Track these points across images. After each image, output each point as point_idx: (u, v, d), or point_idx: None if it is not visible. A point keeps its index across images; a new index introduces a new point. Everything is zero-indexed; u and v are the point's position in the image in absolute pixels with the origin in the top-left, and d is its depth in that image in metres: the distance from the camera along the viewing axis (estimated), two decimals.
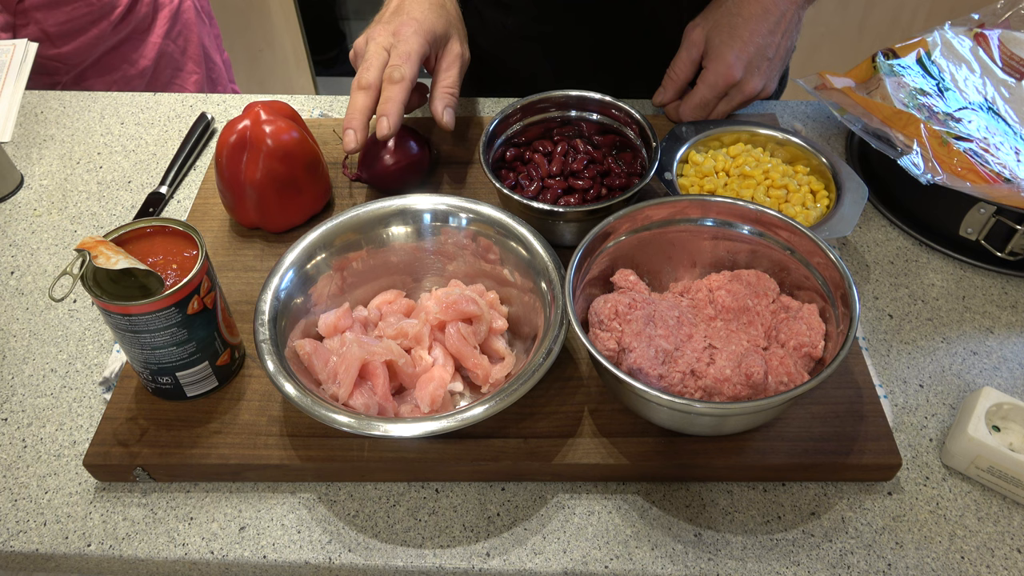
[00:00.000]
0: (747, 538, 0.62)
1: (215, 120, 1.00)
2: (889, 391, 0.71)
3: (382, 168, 0.83)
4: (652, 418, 0.63)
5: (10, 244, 0.87)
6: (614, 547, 0.62)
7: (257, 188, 0.78)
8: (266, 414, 0.68)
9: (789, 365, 0.62)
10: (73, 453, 0.69)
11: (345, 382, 0.64)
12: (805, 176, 0.83)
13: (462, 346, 0.67)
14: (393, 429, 0.59)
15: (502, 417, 0.62)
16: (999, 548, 0.61)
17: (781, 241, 0.69)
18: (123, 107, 1.03)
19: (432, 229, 0.74)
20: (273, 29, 2.19)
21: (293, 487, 0.66)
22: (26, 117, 1.02)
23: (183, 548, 0.63)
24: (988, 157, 0.81)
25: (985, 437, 0.63)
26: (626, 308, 0.65)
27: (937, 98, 0.87)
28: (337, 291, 0.72)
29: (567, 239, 0.79)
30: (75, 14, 1.22)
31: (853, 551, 0.61)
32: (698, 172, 0.84)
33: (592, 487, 0.66)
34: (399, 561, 0.62)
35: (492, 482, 0.66)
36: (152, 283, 0.62)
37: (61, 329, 0.78)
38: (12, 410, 0.72)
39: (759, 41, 0.86)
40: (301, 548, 0.63)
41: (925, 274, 0.81)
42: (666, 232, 0.71)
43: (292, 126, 0.79)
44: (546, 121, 0.86)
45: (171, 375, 0.66)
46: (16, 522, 0.64)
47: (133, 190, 0.92)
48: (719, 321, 0.68)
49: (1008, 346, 0.74)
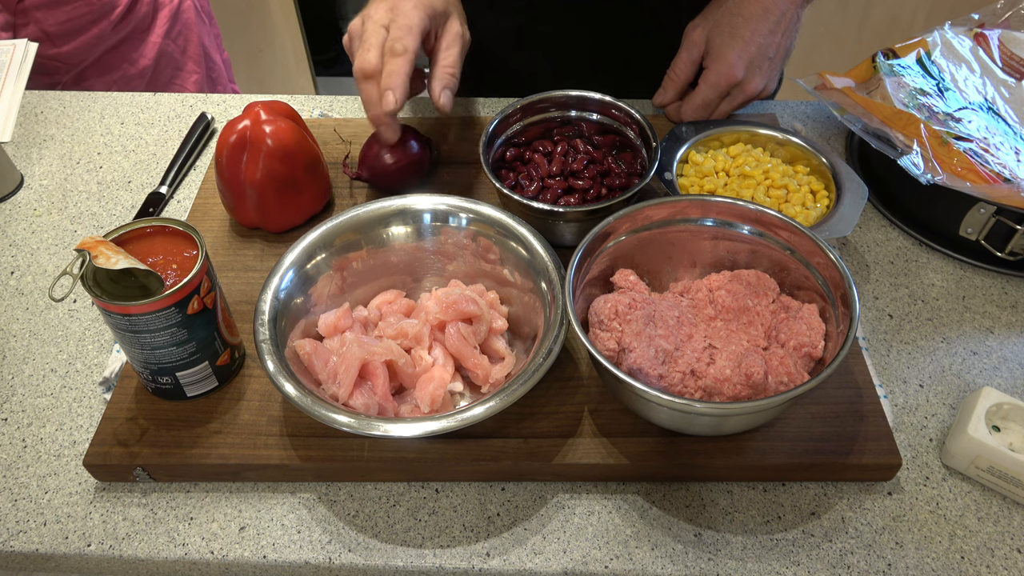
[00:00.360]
0: (747, 538, 0.62)
1: (215, 120, 1.00)
2: (889, 391, 0.71)
3: (382, 168, 0.83)
4: (652, 418, 0.63)
5: (10, 244, 0.87)
6: (614, 547, 0.62)
7: (257, 188, 0.78)
8: (266, 414, 0.68)
9: (789, 365, 0.62)
10: (73, 453, 0.69)
11: (345, 382, 0.63)
12: (805, 176, 0.83)
13: (462, 346, 0.67)
14: (393, 429, 0.59)
15: (502, 417, 0.62)
16: (999, 548, 0.61)
17: (781, 241, 0.69)
18: (123, 107, 1.03)
19: (432, 229, 0.74)
20: (273, 29, 2.19)
21: (293, 487, 0.66)
22: (26, 117, 1.02)
23: (183, 548, 0.63)
24: (988, 157, 0.81)
25: (985, 437, 0.63)
26: (626, 308, 0.65)
27: (937, 98, 0.87)
28: (337, 291, 0.72)
29: (567, 239, 0.79)
30: (75, 13, 1.22)
31: (853, 551, 0.61)
32: (698, 172, 0.84)
33: (592, 487, 0.66)
34: (399, 561, 0.62)
35: (492, 482, 0.66)
36: (152, 283, 0.62)
37: (61, 329, 0.78)
38: (12, 410, 0.72)
39: (760, 41, 0.86)
40: (301, 548, 0.63)
41: (925, 274, 0.81)
42: (666, 232, 0.71)
43: (292, 126, 0.79)
44: (546, 121, 0.86)
45: (171, 375, 0.66)
46: (16, 522, 0.64)
47: (133, 190, 0.92)
48: (719, 321, 0.68)
49: (1008, 346, 0.74)
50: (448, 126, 0.95)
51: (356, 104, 1.02)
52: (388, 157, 0.82)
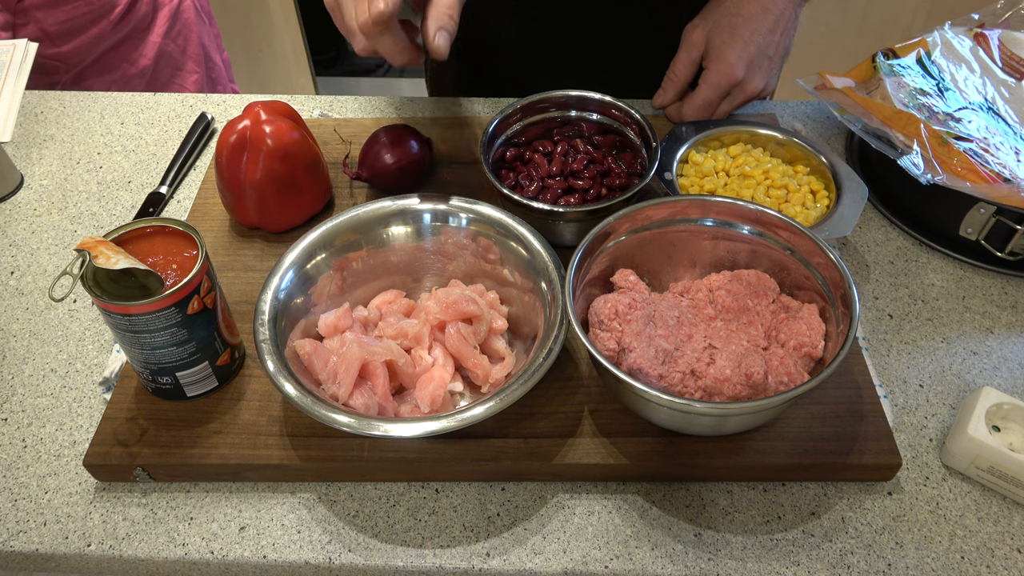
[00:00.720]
0: (747, 538, 0.62)
1: (215, 120, 1.00)
2: (889, 391, 0.71)
3: (382, 167, 0.83)
4: (652, 418, 0.63)
5: (10, 244, 0.87)
6: (614, 547, 0.62)
7: (257, 188, 0.78)
8: (266, 414, 0.68)
9: (789, 365, 0.62)
10: (73, 453, 0.69)
11: (345, 382, 0.63)
12: (805, 176, 0.83)
13: (462, 346, 0.67)
14: (393, 429, 0.59)
15: (502, 417, 0.62)
16: (999, 548, 0.61)
17: (781, 241, 0.69)
18: (123, 107, 1.03)
19: (432, 229, 0.74)
20: (273, 29, 2.19)
21: (293, 487, 0.66)
22: (26, 117, 1.02)
23: (183, 548, 0.63)
24: (988, 157, 0.81)
25: (985, 437, 0.63)
26: (626, 308, 0.65)
27: (937, 98, 0.87)
28: (337, 291, 0.72)
29: (567, 239, 0.79)
30: (75, 13, 1.22)
31: (853, 551, 0.61)
32: (698, 172, 0.84)
33: (592, 487, 0.66)
34: (399, 561, 0.62)
35: (492, 482, 0.66)
36: (152, 283, 0.62)
37: (61, 329, 0.78)
38: (12, 410, 0.72)
39: (760, 40, 0.86)
40: (301, 548, 0.63)
41: (925, 274, 0.81)
42: (666, 232, 0.71)
43: (292, 126, 0.79)
44: (546, 121, 0.86)
45: (171, 375, 0.66)
46: (16, 522, 0.64)
47: (133, 190, 0.92)
48: (719, 321, 0.68)
49: (1008, 346, 0.74)
50: (448, 126, 0.95)
51: (356, 104, 1.02)
52: (388, 157, 0.83)
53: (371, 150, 0.83)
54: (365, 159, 0.84)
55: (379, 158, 0.83)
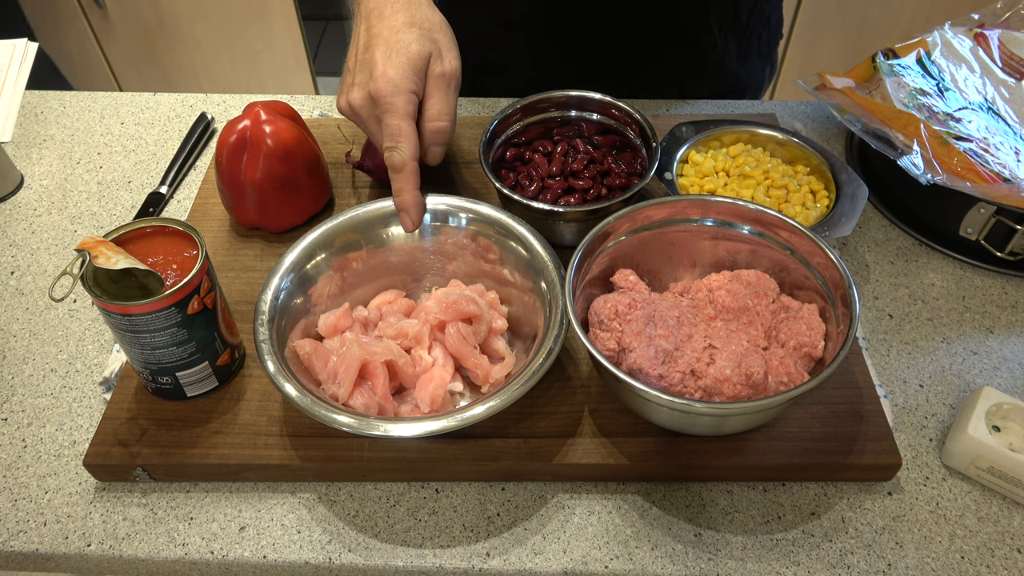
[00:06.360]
0: (747, 538, 0.62)
1: (215, 120, 1.00)
2: (889, 391, 0.71)
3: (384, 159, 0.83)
4: (652, 418, 0.63)
5: (10, 244, 0.87)
6: (614, 547, 0.62)
7: (257, 188, 0.78)
8: (266, 414, 0.68)
9: (789, 365, 0.62)
10: (73, 453, 0.69)
11: (345, 382, 0.64)
12: (805, 176, 0.83)
13: (462, 346, 0.67)
14: (393, 429, 0.59)
15: (502, 417, 0.62)
16: (999, 548, 0.61)
17: (781, 241, 0.69)
18: (123, 107, 1.03)
19: (432, 229, 0.74)
20: (273, 29, 2.19)
21: (293, 487, 0.66)
22: (26, 117, 1.02)
23: (183, 548, 0.63)
24: (988, 157, 0.81)
25: (985, 437, 0.63)
26: (626, 308, 0.65)
27: (937, 98, 0.87)
28: (337, 291, 0.72)
29: (567, 239, 0.79)
30: None
31: (853, 551, 0.61)
32: (698, 172, 0.84)
33: (592, 487, 0.66)
34: (399, 561, 0.62)
35: (492, 482, 0.66)
36: (152, 283, 0.62)
37: (61, 329, 0.78)
38: (12, 410, 0.72)
39: None
40: (301, 548, 0.63)
41: (925, 274, 0.81)
42: (666, 232, 0.71)
43: (292, 126, 0.79)
44: (546, 121, 0.86)
45: (171, 375, 0.66)
46: (16, 522, 0.64)
47: (133, 190, 0.92)
48: (719, 321, 0.68)
49: (1008, 346, 0.74)
50: None
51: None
52: None
53: (373, 144, 0.83)
54: (368, 150, 0.84)
55: (381, 151, 0.83)
